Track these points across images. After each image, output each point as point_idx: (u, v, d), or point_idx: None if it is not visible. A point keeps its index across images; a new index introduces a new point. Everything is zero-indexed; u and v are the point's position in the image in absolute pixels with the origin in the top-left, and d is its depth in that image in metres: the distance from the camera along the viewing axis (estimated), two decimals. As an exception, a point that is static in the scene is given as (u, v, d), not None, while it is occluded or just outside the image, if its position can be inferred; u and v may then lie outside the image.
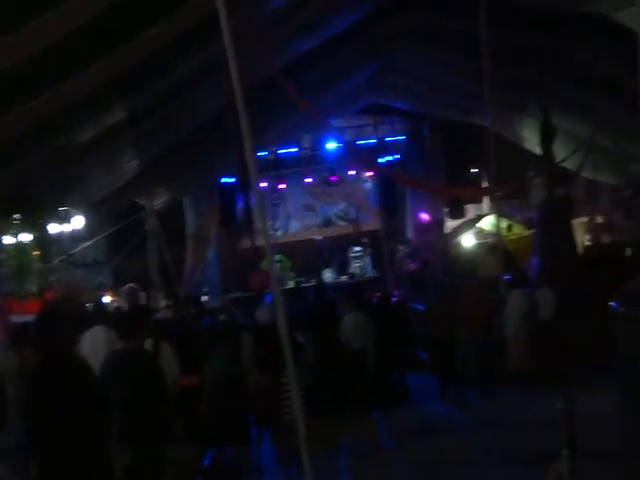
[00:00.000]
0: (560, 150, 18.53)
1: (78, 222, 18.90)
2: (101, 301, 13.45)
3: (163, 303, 21.35)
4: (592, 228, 22.48)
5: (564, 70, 17.27)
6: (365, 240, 26.45)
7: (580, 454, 5.67)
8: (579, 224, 21.74)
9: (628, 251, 17.29)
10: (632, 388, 8.41)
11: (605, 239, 21.80)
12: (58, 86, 10.23)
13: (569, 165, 19.37)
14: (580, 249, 19.63)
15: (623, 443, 8.23)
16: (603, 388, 9.51)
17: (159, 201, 21.97)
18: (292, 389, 8.84)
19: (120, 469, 6.71)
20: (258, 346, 11.77)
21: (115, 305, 19.13)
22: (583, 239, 21.65)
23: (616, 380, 9.12)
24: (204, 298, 23.40)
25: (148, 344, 8.67)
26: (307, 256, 26.36)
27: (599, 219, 22.79)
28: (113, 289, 22.04)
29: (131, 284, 19.91)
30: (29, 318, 9.92)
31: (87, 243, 20.85)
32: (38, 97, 10.16)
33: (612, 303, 7.95)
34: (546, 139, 18.08)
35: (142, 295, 21.68)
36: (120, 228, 21.71)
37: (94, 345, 10.42)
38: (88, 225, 19.81)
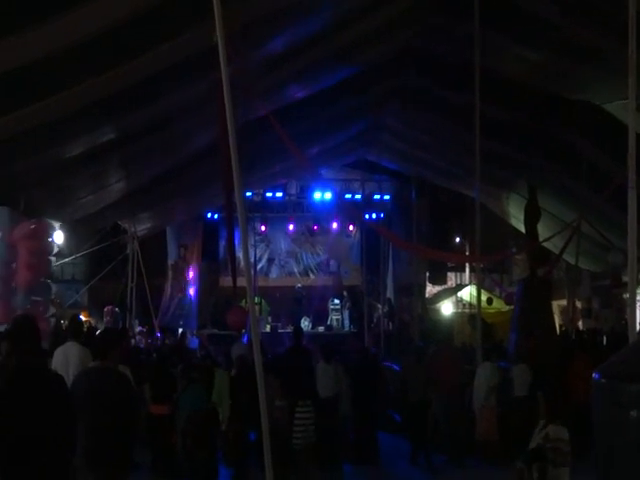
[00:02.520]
0: (544, 231, 18.74)
1: (59, 237, 18.81)
2: (78, 317, 13.26)
3: (138, 329, 21.25)
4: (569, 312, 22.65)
5: (553, 153, 17.63)
6: (345, 294, 26.52)
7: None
8: (558, 307, 21.88)
9: (604, 339, 17.42)
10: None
11: (583, 324, 21.99)
12: (48, 98, 10.25)
13: (551, 247, 19.60)
14: (558, 331, 19.74)
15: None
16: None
17: (142, 227, 21.91)
18: (264, 439, 8.74)
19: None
20: (233, 389, 11.80)
21: (88, 325, 19.00)
22: (562, 322, 21.78)
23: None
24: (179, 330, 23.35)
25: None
26: (285, 302, 26.30)
27: (578, 304, 22.93)
28: (88, 309, 21.89)
29: (112, 306, 19.82)
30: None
31: (67, 259, 20.70)
32: (29, 106, 10.19)
33: (595, 374, 7.93)
34: (531, 218, 18.29)
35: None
36: (101, 249, 21.60)
37: (67, 360, 10.32)
38: (68, 242, 19.69)
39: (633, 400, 2.35)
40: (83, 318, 21.21)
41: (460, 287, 26.74)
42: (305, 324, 24.90)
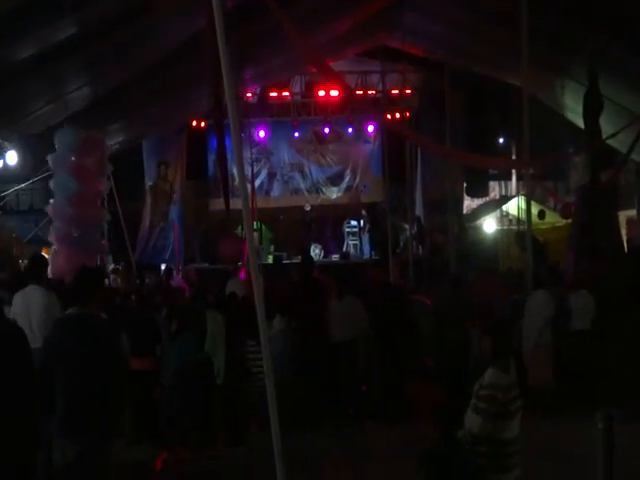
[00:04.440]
0: (608, 125, 18.46)
1: (11, 158, 18.80)
2: (40, 256, 13.29)
3: (111, 267, 21.31)
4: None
5: (618, 29, 17.27)
6: (364, 214, 26.54)
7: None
8: (625, 218, 21.79)
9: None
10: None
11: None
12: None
13: (618, 145, 19.41)
14: (626, 247, 19.68)
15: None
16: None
17: (113, 141, 21.75)
18: (268, 387, 8.78)
19: (59, 464, 6.68)
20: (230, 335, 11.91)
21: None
22: (630, 236, 21.69)
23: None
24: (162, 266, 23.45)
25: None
26: (291, 227, 26.42)
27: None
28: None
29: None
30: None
31: (22, 185, 20.77)
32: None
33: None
34: (592, 110, 18.03)
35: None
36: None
37: (29, 308, 10.38)
38: (24, 163, 19.72)
39: None
40: (46, 255, 21.34)
41: (505, 199, 26.68)
42: (316, 252, 25.13)
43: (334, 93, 25.68)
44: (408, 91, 26.81)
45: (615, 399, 10.22)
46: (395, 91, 26.68)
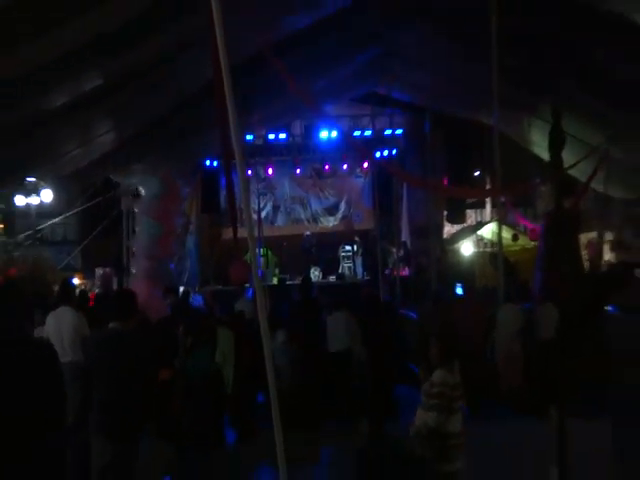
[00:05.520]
0: (570, 158, 18.55)
1: (47, 196, 18.84)
2: (70, 281, 13.40)
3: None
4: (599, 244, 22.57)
5: (580, 71, 17.34)
6: (357, 239, 26.56)
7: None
8: (588, 239, 21.81)
9: (638, 272, 17.29)
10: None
11: (614, 257, 21.91)
12: (30, 45, 10.16)
13: (579, 174, 19.47)
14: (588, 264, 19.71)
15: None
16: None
17: (136, 180, 21.81)
18: (271, 397, 8.78)
19: (99, 464, 6.78)
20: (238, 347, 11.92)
21: (82, 288, 19.12)
22: (591, 255, 21.69)
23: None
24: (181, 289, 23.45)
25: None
26: (294, 252, 26.38)
27: (608, 235, 22.86)
28: (82, 271, 22.02)
29: (106, 268, 19.93)
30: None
31: (56, 219, 20.79)
32: (6, 56, 10.10)
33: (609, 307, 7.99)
34: (556, 144, 18.10)
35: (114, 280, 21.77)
36: (93, 206, 21.61)
37: (60, 327, 10.43)
38: (58, 200, 19.74)
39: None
40: (77, 281, 21.39)
41: (481, 225, 26.66)
42: (315, 274, 25.06)
43: (334, 135, 25.71)
44: (399, 131, 26.97)
45: (572, 400, 10.26)
46: (388, 131, 26.84)
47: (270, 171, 27.42)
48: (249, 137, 24.37)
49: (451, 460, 6.21)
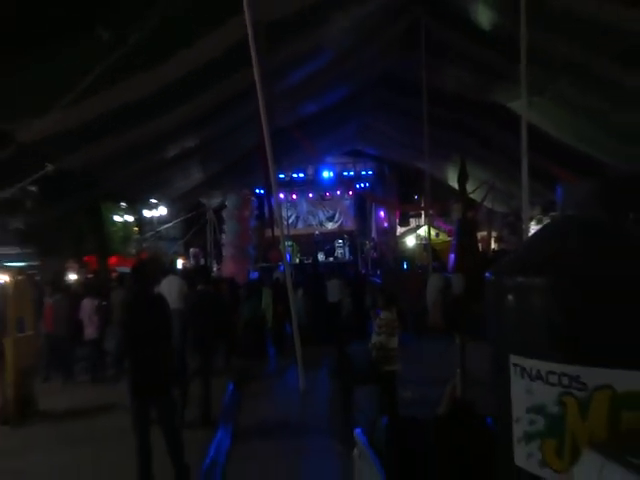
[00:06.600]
0: (470, 187, 18.62)
1: (162, 210, 18.88)
2: (175, 261, 13.56)
3: (215, 267, 21.39)
4: (487, 239, 22.54)
5: (477, 137, 17.35)
6: (345, 236, 26.45)
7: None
8: (481, 236, 21.75)
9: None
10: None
11: (497, 247, 21.88)
12: (156, 120, 10.23)
13: (476, 197, 19.45)
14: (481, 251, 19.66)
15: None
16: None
17: (215, 201, 21.88)
18: (294, 328, 8.84)
19: (193, 368, 6.89)
20: (275, 299, 11.93)
21: (184, 265, 19.20)
22: (483, 245, 21.64)
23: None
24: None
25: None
26: (308, 244, 26.24)
27: (493, 234, 22.81)
28: (184, 254, 22.02)
29: (196, 249, 20.04)
30: (128, 269, 9.98)
31: (168, 225, 20.77)
32: (143, 126, 10.17)
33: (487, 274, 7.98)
34: (462, 179, 18.13)
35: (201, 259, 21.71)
36: (190, 217, 21.68)
37: (170, 288, 10.44)
38: (169, 213, 19.74)
39: (508, 288, 2.32)
40: (181, 261, 21.39)
41: (418, 227, 26.57)
42: (321, 257, 24.90)
43: (331, 174, 25.77)
44: (370, 172, 26.89)
45: (468, 329, 10.24)
46: (363, 172, 26.79)
47: (294, 196, 27.44)
48: (281, 175, 24.26)
49: (391, 364, 6.25)
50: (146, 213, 18.48)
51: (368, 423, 4.04)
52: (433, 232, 20.50)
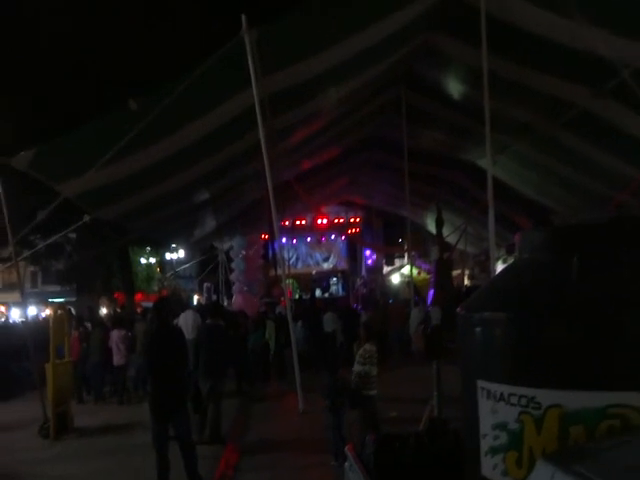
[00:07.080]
0: (446, 231, 18.79)
1: (181, 253, 18.92)
2: (191, 297, 13.48)
3: (226, 302, 21.28)
4: (461, 277, 22.57)
5: (451, 188, 17.58)
6: (339, 275, 26.37)
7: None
8: (456, 273, 21.79)
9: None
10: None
11: (469, 283, 21.90)
12: (176, 177, 10.34)
13: (451, 240, 19.57)
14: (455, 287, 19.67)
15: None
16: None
17: (226, 244, 21.90)
18: (294, 356, 8.76)
19: (204, 392, 6.79)
20: (277, 330, 11.83)
21: (199, 300, 19.09)
22: (456, 281, 21.66)
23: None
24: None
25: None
26: (306, 281, 26.11)
27: (466, 271, 22.85)
28: (198, 291, 21.96)
29: (209, 284, 19.99)
30: (151, 304, 9.96)
31: (185, 265, 20.77)
32: (165, 182, 10.26)
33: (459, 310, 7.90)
34: (439, 224, 18.38)
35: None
36: (204, 258, 21.69)
37: (186, 320, 10.40)
38: (187, 255, 19.75)
39: (475, 322, 2.37)
40: (196, 297, 21.28)
41: (402, 266, 26.60)
42: (318, 293, 24.73)
43: (326, 221, 25.96)
44: (358, 219, 27.00)
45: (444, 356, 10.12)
46: (352, 219, 26.95)
47: (294, 240, 27.44)
48: (286, 222, 24.40)
49: (371, 389, 6.18)
50: (167, 256, 18.57)
51: (357, 440, 4.02)
52: (415, 270, 20.53)
